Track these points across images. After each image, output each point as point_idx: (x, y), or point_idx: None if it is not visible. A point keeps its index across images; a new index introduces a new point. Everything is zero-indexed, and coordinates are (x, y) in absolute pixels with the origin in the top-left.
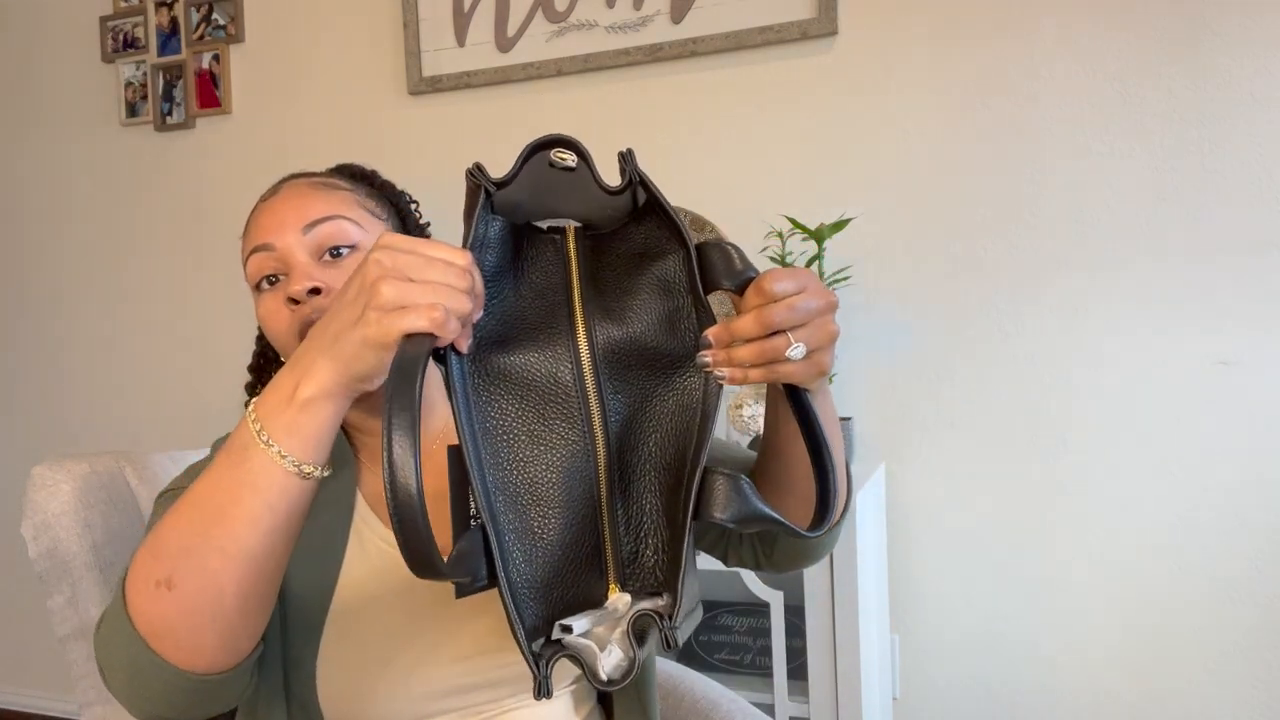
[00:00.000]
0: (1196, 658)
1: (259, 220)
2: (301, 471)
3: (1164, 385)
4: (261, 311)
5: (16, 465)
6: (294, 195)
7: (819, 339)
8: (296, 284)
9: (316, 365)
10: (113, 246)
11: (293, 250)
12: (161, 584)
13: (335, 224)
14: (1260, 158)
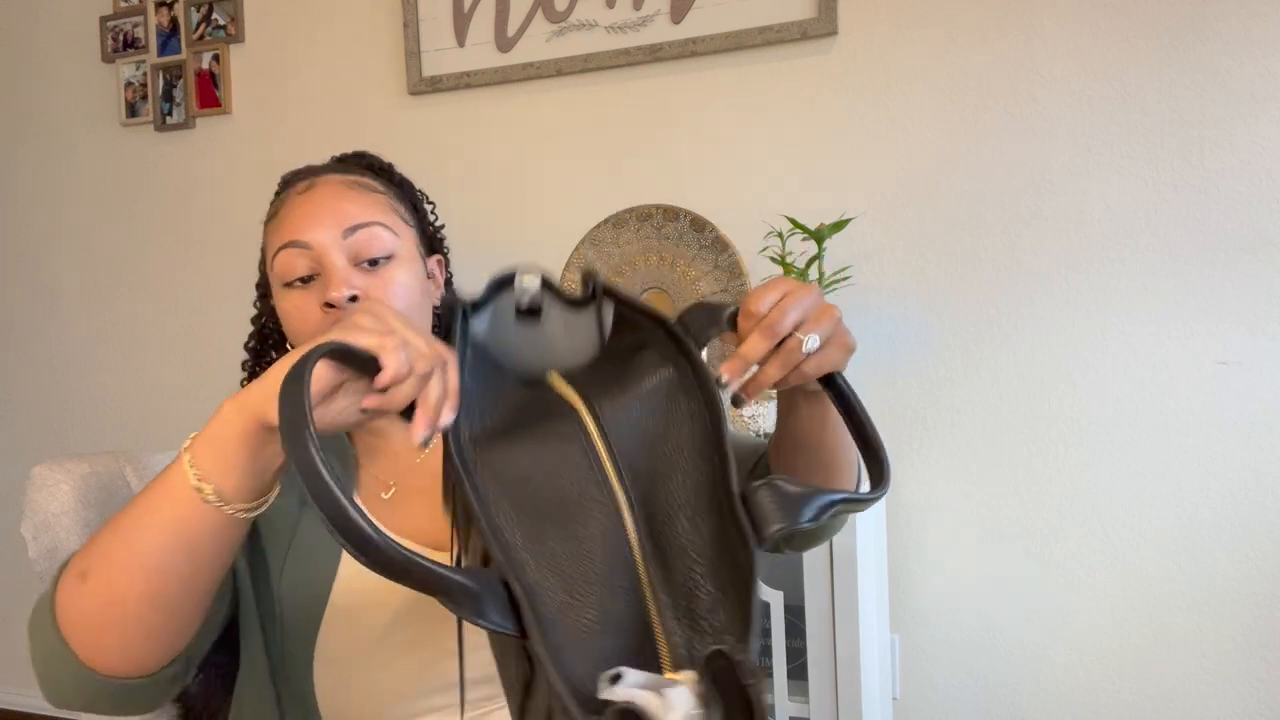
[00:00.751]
0: (1196, 657)
1: (293, 214)
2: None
3: (1164, 385)
4: (287, 307)
5: (16, 465)
6: (331, 194)
7: (825, 323)
8: (336, 290)
9: (252, 391)
10: (112, 246)
11: (330, 252)
12: (81, 576)
13: (374, 231)
14: (1260, 158)
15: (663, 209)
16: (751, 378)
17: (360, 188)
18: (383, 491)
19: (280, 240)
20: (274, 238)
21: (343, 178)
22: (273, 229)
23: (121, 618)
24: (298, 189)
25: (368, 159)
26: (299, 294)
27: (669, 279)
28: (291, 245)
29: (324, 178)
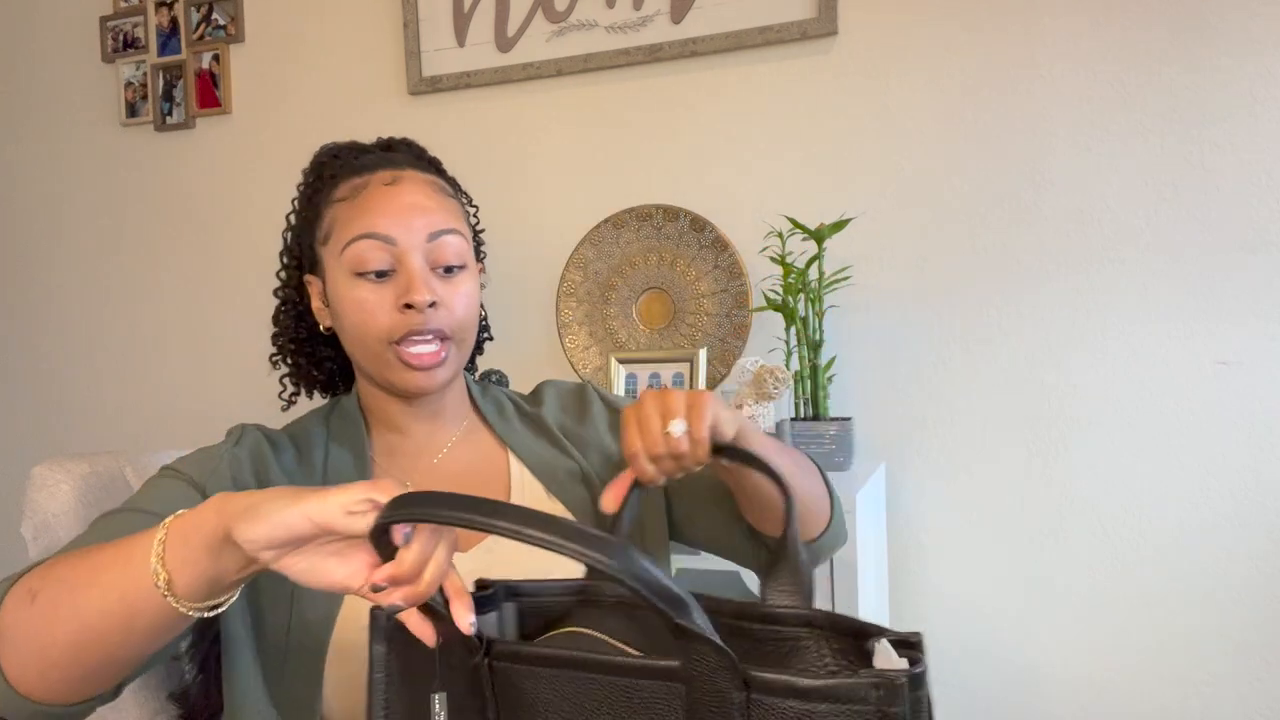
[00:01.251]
0: (1196, 657)
1: (380, 205)
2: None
3: (1164, 385)
4: (356, 295)
5: (16, 465)
6: (417, 192)
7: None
8: (420, 294)
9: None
10: (112, 246)
11: (414, 254)
12: (30, 596)
13: (454, 239)
14: (1260, 158)
15: (663, 209)
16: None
17: (440, 191)
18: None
19: (362, 228)
20: (351, 223)
21: (424, 176)
22: (349, 213)
23: (45, 653)
24: (381, 178)
25: (418, 149)
26: (371, 287)
27: (669, 279)
28: (374, 237)
29: (408, 173)
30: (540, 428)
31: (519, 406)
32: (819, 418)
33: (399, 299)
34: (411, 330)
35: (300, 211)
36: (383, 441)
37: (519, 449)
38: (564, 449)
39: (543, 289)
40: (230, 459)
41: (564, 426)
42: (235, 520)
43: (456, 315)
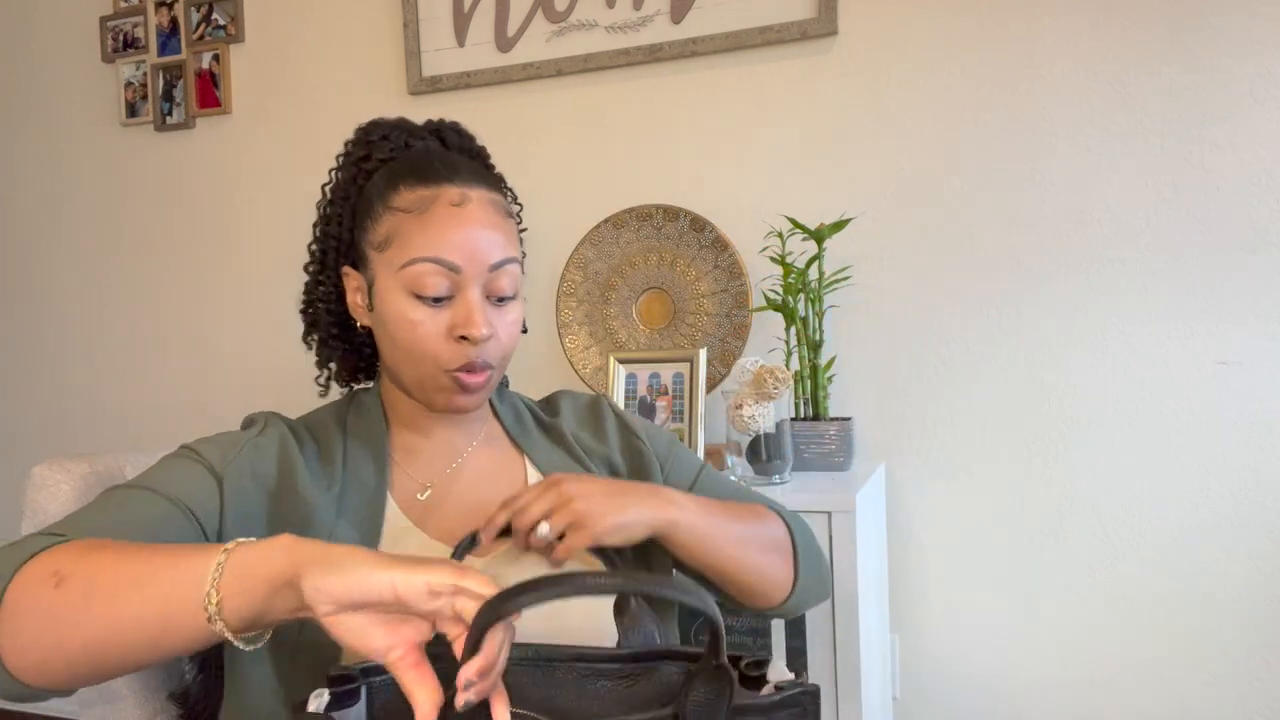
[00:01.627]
0: (1196, 657)
1: (448, 228)
2: (207, 608)
3: (1164, 385)
4: (411, 316)
5: (16, 465)
6: (486, 219)
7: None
8: (478, 329)
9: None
10: (112, 246)
11: (474, 284)
12: (56, 579)
13: (512, 269)
14: (1260, 158)
15: (663, 209)
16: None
17: (504, 213)
18: (419, 492)
19: (426, 250)
20: (415, 240)
21: (489, 195)
22: (412, 226)
23: (60, 643)
24: (449, 196)
25: (469, 144)
26: (427, 311)
27: (669, 279)
28: (439, 262)
29: (476, 192)
30: (557, 437)
31: (535, 414)
32: (819, 418)
33: (454, 329)
34: (468, 364)
35: (346, 197)
36: (402, 440)
37: (536, 457)
38: (580, 461)
39: (543, 289)
40: (252, 448)
41: (580, 439)
42: (309, 569)
43: (503, 347)
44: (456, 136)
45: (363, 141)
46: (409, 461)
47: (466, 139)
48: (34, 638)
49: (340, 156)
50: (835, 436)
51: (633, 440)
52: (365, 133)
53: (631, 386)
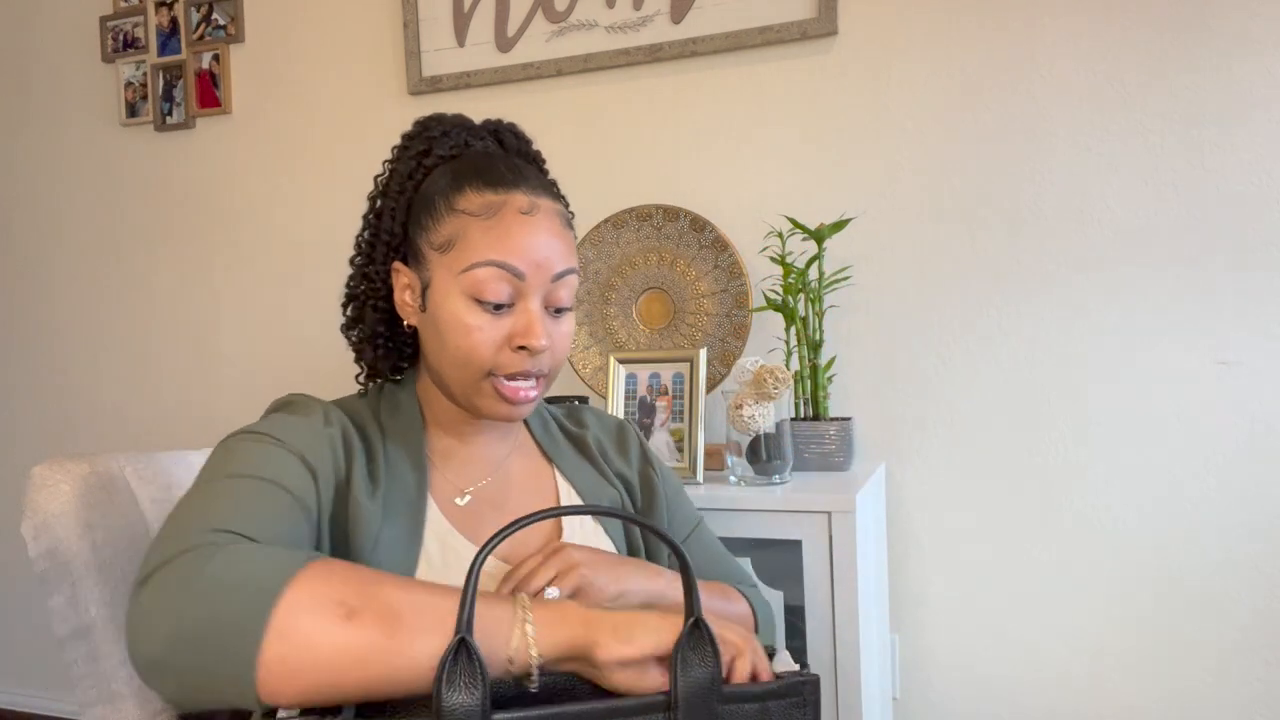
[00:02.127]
0: (1196, 657)
1: (513, 235)
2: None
3: (1164, 385)
4: (468, 320)
5: (16, 465)
6: (551, 228)
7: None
8: (537, 339)
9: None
10: (112, 246)
11: (536, 293)
12: (348, 611)
13: (572, 280)
14: (1260, 158)
15: (663, 209)
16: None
17: (566, 223)
18: (457, 497)
19: (493, 255)
20: (481, 244)
21: (555, 205)
22: (479, 230)
23: (339, 677)
24: (518, 204)
25: (526, 148)
26: (486, 317)
27: (669, 279)
28: (504, 267)
29: (544, 203)
30: (583, 449)
31: (561, 424)
32: (819, 418)
33: (513, 338)
34: (522, 372)
35: (402, 191)
36: (439, 443)
37: (565, 469)
38: (605, 476)
39: None
40: (329, 440)
41: (606, 454)
42: (603, 642)
43: (557, 359)
44: (515, 139)
45: (423, 136)
46: (445, 464)
47: (524, 142)
48: (312, 666)
49: (397, 149)
50: (835, 436)
51: (650, 472)
52: (425, 127)
53: (631, 386)
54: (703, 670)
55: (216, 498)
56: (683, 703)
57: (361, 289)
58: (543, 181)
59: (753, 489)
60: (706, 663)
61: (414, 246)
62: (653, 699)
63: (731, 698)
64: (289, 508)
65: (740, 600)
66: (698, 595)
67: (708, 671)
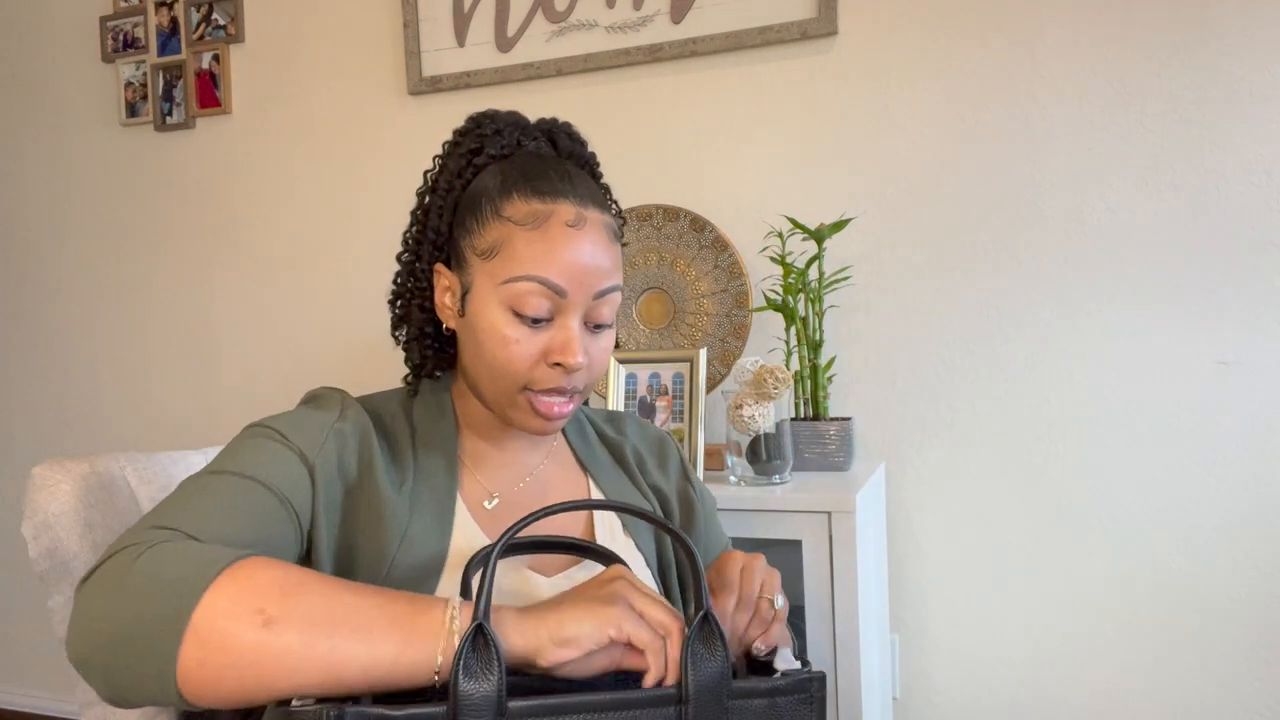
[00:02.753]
0: (1197, 657)
1: (558, 249)
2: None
3: (1164, 385)
4: (506, 332)
5: (16, 465)
6: (598, 243)
7: (773, 586)
8: (575, 357)
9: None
10: (112, 246)
11: (576, 310)
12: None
13: (614, 298)
14: (1260, 158)
15: (663, 209)
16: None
17: (613, 236)
18: (486, 500)
19: (535, 269)
20: (523, 255)
21: (603, 218)
22: (523, 240)
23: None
24: (565, 215)
25: (580, 150)
26: (525, 331)
27: (669, 279)
28: (545, 283)
29: (591, 214)
30: (619, 457)
31: (599, 429)
32: (819, 418)
33: (550, 354)
34: (556, 388)
35: (450, 189)
36: (472, 446)
37: (600, 478)
38: (640, 487)
39: None
40: (336, 436)
41: (644, 465)
42: (543, 650)
43: (594, 375)
44: (569, 141)
45: (475, 134)
46: (477, 468)
47: (578, 144)
48: (233, 672)
49: (448, 144)
50: (835, 436)
51: (689, 490)
52: (477, 124)
53: (631, 386)
54: (713, 665)
55: (186, 495)
56: (694, 697)
57: (408, 287)
58: (592, 190)
59: (753, 489)
60: (716, 657)
61: (457, 248)
62: (664, 693)
63: (741, 693)
64: (265, 506)
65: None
66: (706, 588)
67: (717, 666)
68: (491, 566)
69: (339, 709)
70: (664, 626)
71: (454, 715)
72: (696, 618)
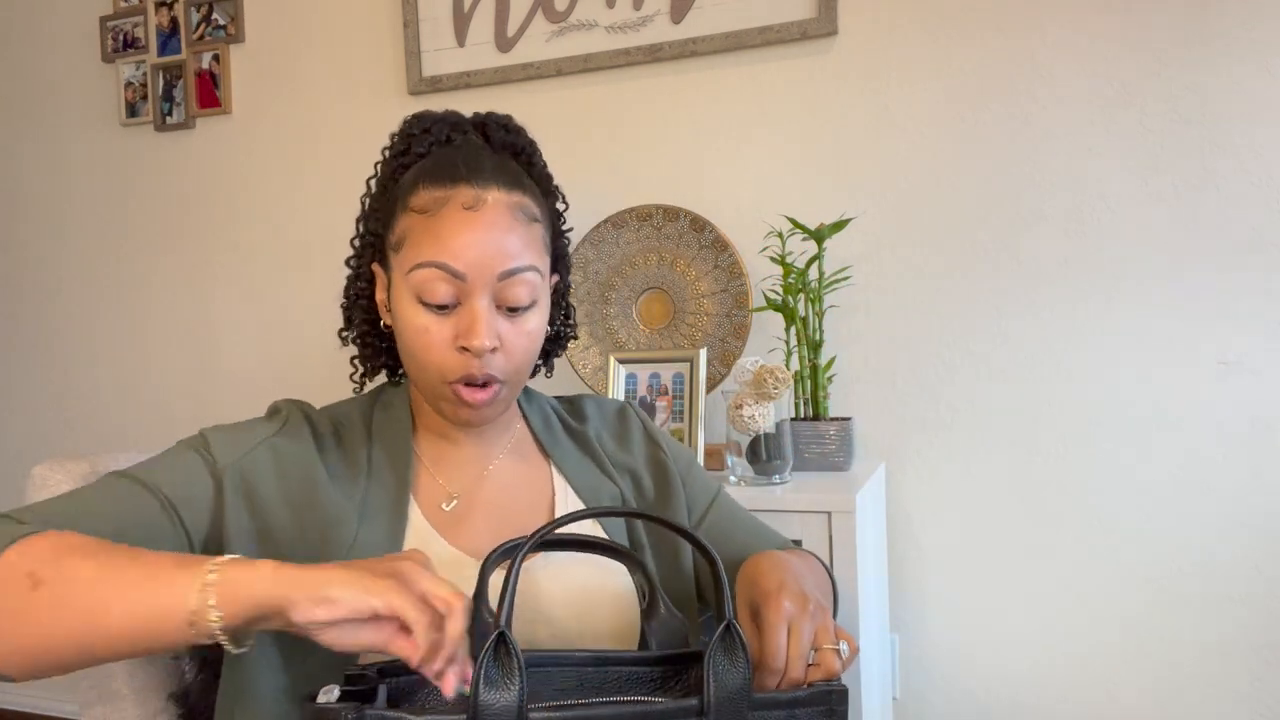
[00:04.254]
0: (1196, 657)
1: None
2: (211, 621)
3: (1164, 385)
4: (415, 323)
5: (16, 465)
6: (499, 223)
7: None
8: (479, 339)
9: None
10: (112, 246)
11: (481, 292)
12: (34, 581)
13: (527, 278)
14: (1260, 158)
15: (663, 209)
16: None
17: (523, 215)
18: (444, 502)
19: (431, 255)
20: (422, 242)
21: (508, 197)
22: (422, 228)
23: (29, 643)
24: (462, 198)
25: (512, 137)
26: (433, 318)
27: (669, 279)
28: (443, 268)
29: (492, 194)
30: (584, 445)
31: (563, 419)
32: (819, 418)
33: (458, 338)
34: (467, 375)
35: (383, 190)
36: (430, 447)
37: (564, 467)
38: (606, 472)
39: None
40: (269, 450)
41: (606, 446)
42: (297, 603)
43: (514, 360)
44: (502, 132)
45: (405, 134)
46: (436, 468)
47: (514, 134)
48: (10, 635)
49: (385, 149)
50: (835, 436)
51: (658, 453)
52: (409, 125)
53: (631, 386)
54: (734, 675)
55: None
56: (714, 707)
57: (352, 291)
58: (506, 173)
59: (753, 489)
60: (738, 667)
61: (383, 247)
62: (686, 703)
63: (761, 704)
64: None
65: (822, 570)
66: (729, 596)
67: (739, 676)
68: (515, 568)
69: (358, 709)
70: (445, 603)
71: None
72: (719, 629)
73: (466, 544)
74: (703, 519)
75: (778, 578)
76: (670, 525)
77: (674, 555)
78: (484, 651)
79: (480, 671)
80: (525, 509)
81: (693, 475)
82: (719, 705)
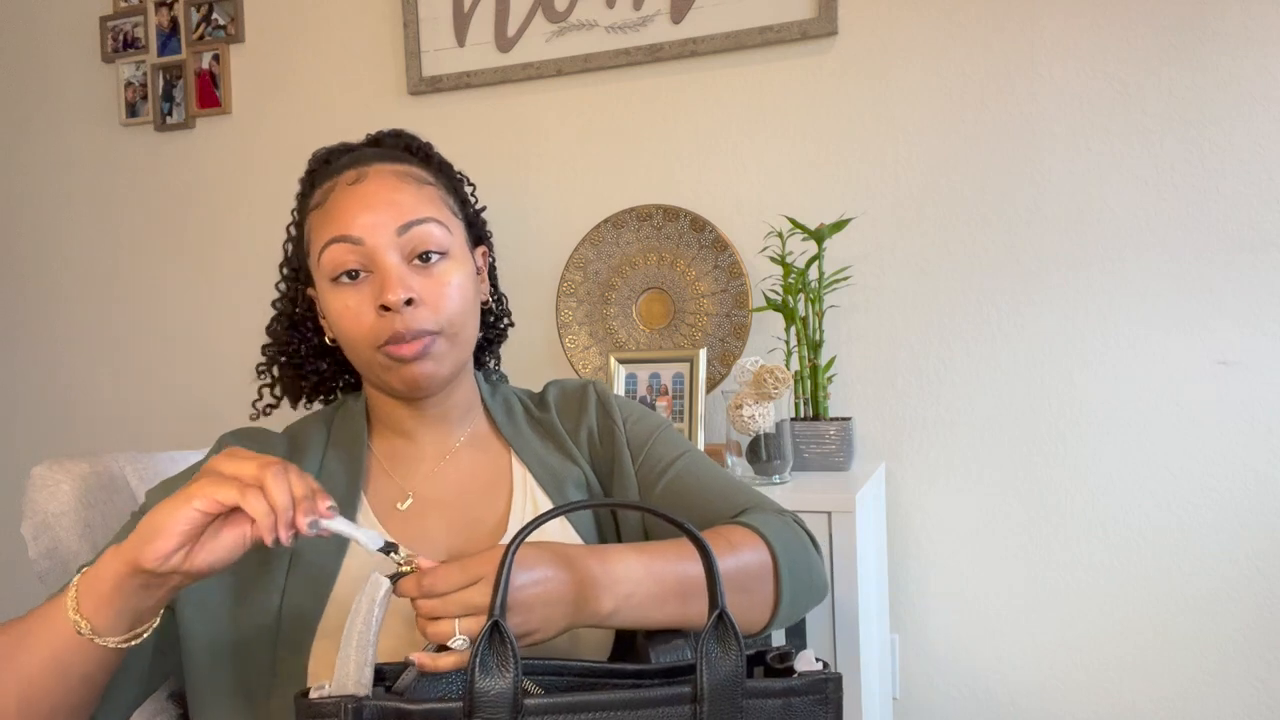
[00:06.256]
0: (1196, 657)
1: (345, 206)
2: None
3: (1164, 385)
4: (337, 305)
5: (16, 465)
6: (385, 187)
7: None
8: (392, 292)
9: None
10: (112, 246)
11: (384, 251)
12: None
13: (428, 228)
14: (1260, 158)
15: (663, 209)
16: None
17: (411, 179)
18: (399, 501)
19: (330, 233)
20: (322, 229)
21: (393, 167)
22: (320, 219)
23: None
24: (346, 178)
25: (406, 139)
26: (350, 292)
27: (669, 279)
28: (343, 240)
29: (374, 167)
30: (548, 432)
31: (528, 408)
32: (819, 418)
33: (376, 300)
34: (394, 334)
35: (295, 223)
36: (386, 445)
37: (525, 455)
38: (570, 455)
39: (543, 289)
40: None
41: (565, 425)
42: (134, 552)
43: (442, 312)
44: (393, 138)
45: (307, 174)
46: (392, 465)
47: (406, 138)
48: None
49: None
50: (835, 436)
51: (608, 423)
52: (310, 162)
53: (632, 386)
54: (727, 663)
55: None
56: (708, 696)
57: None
58: (387, 153)
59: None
60: (730, 656)
61: (307, 268)
62: (679, 691)
63: (756, 693)
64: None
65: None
66: (721, 585)
67: (732, 664)
68: (506, 568)
69: (357, 702)
70: (255, 479)
71: (470, 712)
72: (712, 616)
73: (423, 541)
74: (658, 482)
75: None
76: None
77: (639, 533)
78: (479, 640)
79: (476, 660)
80: (481, 501)
81: (656, 442)
82: (712, 692)
